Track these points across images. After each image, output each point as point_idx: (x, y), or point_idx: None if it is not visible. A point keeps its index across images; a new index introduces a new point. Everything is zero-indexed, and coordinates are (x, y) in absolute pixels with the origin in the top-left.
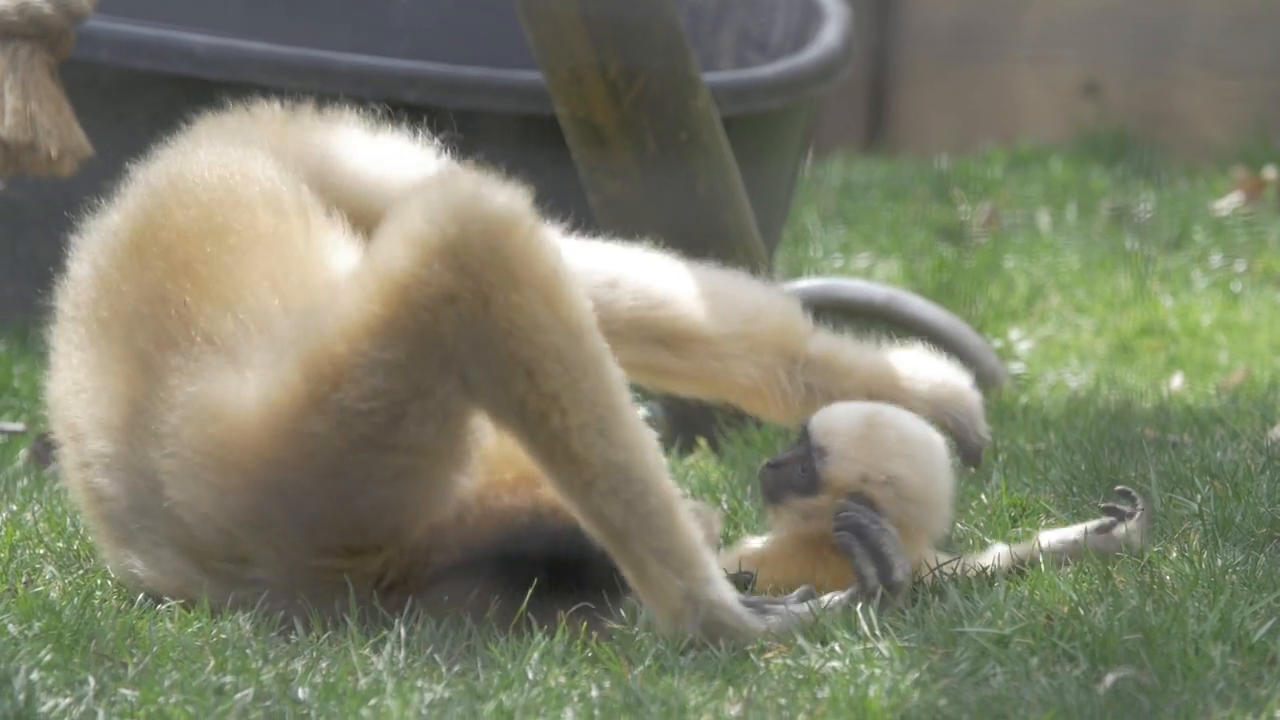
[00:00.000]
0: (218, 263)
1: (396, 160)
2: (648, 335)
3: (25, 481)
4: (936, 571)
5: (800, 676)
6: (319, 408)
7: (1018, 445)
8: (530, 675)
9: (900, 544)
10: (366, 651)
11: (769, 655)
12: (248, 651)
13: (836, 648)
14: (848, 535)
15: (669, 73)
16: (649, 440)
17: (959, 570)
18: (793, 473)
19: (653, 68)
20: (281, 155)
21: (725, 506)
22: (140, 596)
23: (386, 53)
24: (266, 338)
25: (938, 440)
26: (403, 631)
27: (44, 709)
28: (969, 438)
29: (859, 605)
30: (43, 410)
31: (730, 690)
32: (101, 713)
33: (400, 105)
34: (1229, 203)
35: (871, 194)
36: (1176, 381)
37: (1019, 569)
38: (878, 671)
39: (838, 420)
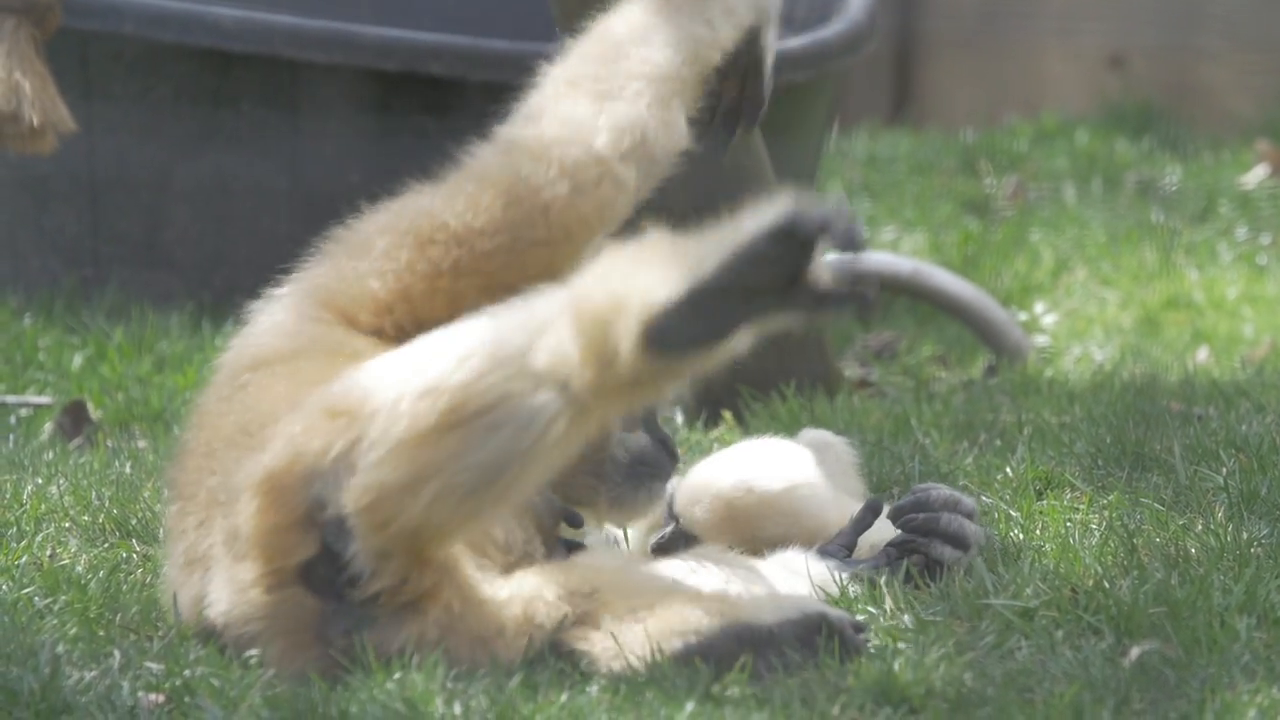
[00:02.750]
0: None
1: None
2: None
3: (51, 454)
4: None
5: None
6: None
7: (1043, 418)
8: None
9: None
10: None
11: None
12: None
13: (860, 620)
14: (918, 541)
15: None
16: None
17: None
18: (678, 548)
19: None
20: None
21: None
22: (165, 570)
23: (411, 25)
24: None
25: (799, 475)
26: None
27: (70, 682)
28: None
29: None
30: (68, 383)
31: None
32: (126, 686)
33: (425, 78)
34: (1255, 175)
35: (897, 167)
36: (1202, 354)
37: None
38: (903, 645)
39: (698, 505)
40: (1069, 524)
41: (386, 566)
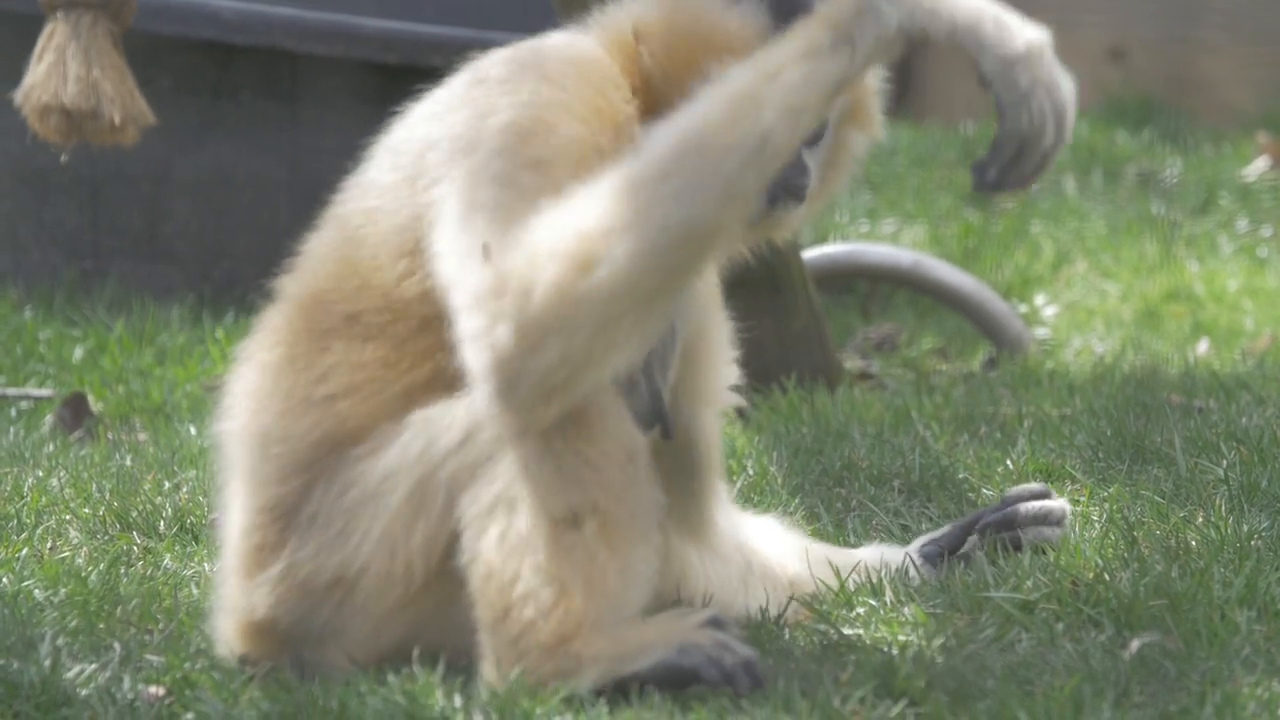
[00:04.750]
0: None
1: None
2: None
3: (51, 447)
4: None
5: (826, 643)
6: None
7: (1043, 411)
8: None
9: None
10: None
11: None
12: None
13: (861, 612)
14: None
15: None
16: None
17: None
18: None
19: None
20: None
21: (751, 472)
22: (165, 563)
23: (413, 17)
24: None
25: None
26: None
27: (70, 674)
28: None
29: None
30: (68, 376)
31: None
32: (127, 679)
33: (426, 70)
34: (1255, 168)
35: (897, 159)
36: (1202, 347)
37: None
38: (903, 637)
39: None
40: (1069, 516)
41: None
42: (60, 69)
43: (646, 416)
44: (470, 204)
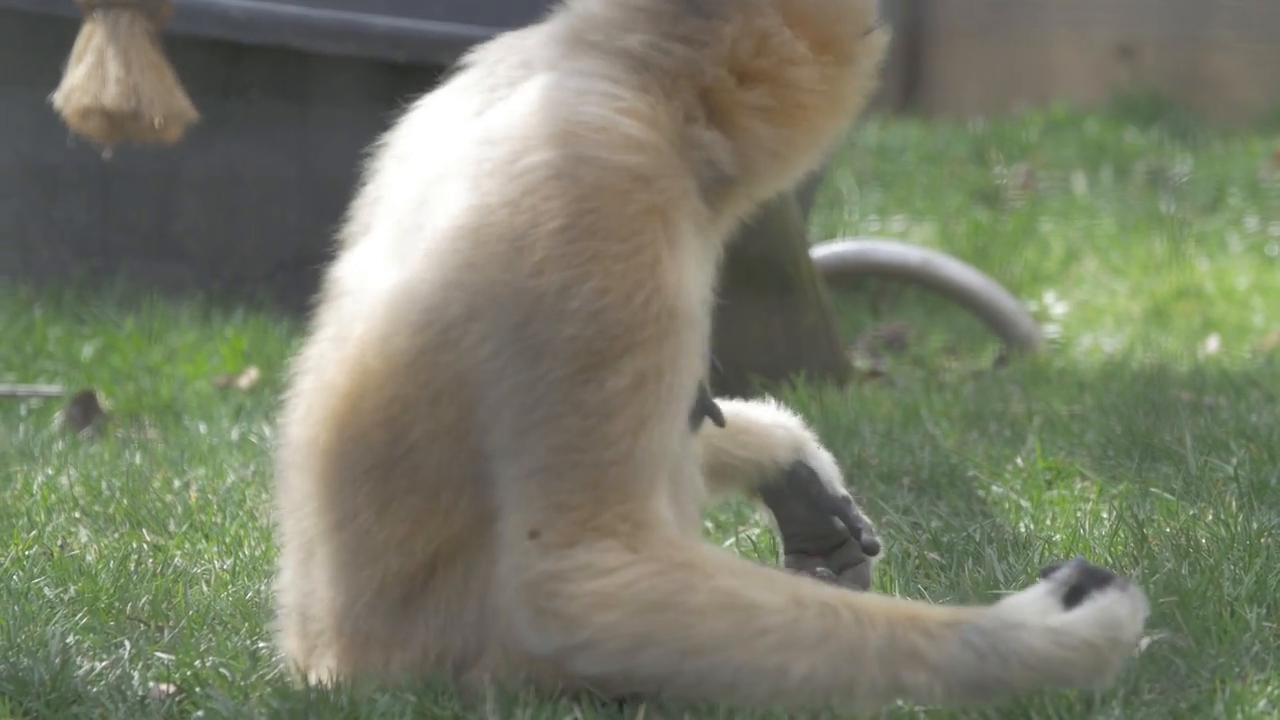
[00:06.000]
0: None
1: None
2: None
3: (61, 445)
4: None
5: None
6: None
7: (1053, 409)
8: None
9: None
10: None
11: None
12: None
13: None
14: None
15: None
16: None
17: None
18: None
19: None
20: None
21: None
22: (176, 561)
23: (423, 15)
24: None
25: None
26: None
27: (80, 672)
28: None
29: None
30: (78, 373)
31: None
32: (137, 676)
33: (435, 68)
34: (1267, 166)
35: (907, 157)
36: (1212, 344)
37: None
38: None
39: None
40: (1079, 514)
41: None
42: (100, 71)
43: (694, 413)
44: (526, 469)
